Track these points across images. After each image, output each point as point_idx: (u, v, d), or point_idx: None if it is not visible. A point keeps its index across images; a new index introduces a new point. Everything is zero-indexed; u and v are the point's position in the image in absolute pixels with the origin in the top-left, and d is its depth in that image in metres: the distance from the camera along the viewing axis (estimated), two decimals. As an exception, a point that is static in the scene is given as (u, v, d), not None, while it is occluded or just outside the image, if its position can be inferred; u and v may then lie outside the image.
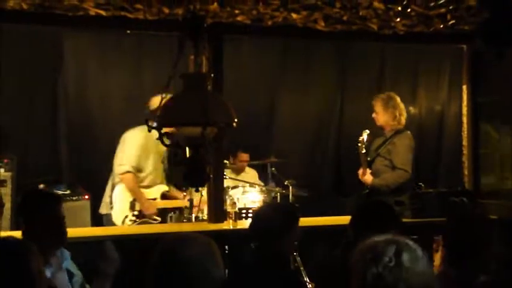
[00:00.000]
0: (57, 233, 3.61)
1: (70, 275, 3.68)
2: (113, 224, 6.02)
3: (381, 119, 6.27)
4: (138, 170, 6.06)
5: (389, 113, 6.23)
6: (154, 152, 6.10)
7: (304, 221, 5.53)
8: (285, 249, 3.82)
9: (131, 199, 6.05)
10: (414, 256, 2.12)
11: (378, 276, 2.06)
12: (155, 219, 6.14)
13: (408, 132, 6.29)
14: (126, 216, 6.00)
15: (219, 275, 2.50)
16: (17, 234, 3.59)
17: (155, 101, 6.00)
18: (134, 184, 6.04)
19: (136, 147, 6.00)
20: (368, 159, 6.26)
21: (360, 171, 6.20)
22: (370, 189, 6.19)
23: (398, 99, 6.31)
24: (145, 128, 5.99)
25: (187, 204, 6.19)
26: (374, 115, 6.33)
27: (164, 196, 6.30)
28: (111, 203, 6.07)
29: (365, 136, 6.17)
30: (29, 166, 6.65)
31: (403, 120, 6.27)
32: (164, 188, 6.27)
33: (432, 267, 2.16)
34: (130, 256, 4.81)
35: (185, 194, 6.27)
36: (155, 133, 5.95)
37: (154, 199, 6.18)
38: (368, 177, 6.17)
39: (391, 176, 6.11)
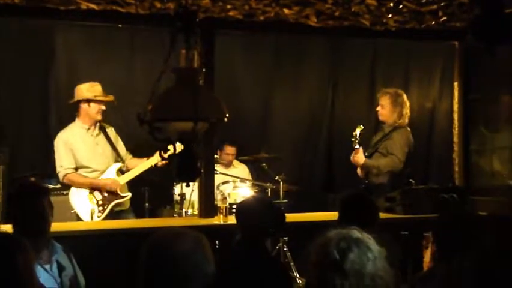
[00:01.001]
0: (38, 226, 3.61)
1: (61, 267, 3.67)
2: None
3: (387, 114, 6.32)
4: (79, 167, 6.02)
5: (397, 111, 6.29)
6: (86, 143, 6.05)
7: (295, 217, 5.56)
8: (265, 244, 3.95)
9: (86, 194, 6.04)
10: (375, 255, 2.14)
11: (342, 276, 2.08)
12: (122, 197, 6.10)
13: (408, 128, 6.34)
14: (93, 212, 5.96)
15: (210, 269, 2.50)
16: (9, 228, 3.60)
17: (81, 91, 6.01)
18: (79, 179, 6.00)
19: (62, 149, 5.97)
20: (366, 154, 6.30)
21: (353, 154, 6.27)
22: (366, 186, 6.22)
23: (405, 96, 6.37)
24: (68, 127, 6.06)
25: (154, 163, 6.06)
26: (378, 108, 6.39)
27: (122, 172, 6.22)
28: (71, 208, 6.03)
29: (358, 132, 6.20)
30: (21, 160, 6.63)
31: (407, 119, 6.33)
32: (117, 165, 6.16)
33: (387, 267, 2.18)
34: (119, 250, 4.81)
35: (147, 158, 6.13)
36: (77, 125, 5.98)
37: None
38: (359, 156, 6.19)
39: (384, 161, 6.17)
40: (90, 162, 6.05)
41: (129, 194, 6.17)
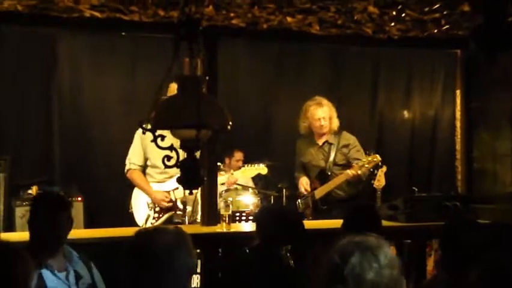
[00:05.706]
0: (59, 237, 3.63)
1: (78, 276, 3.68)
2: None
3: (334, 124, 6.40)
4: (150, 166, 5.99)
5: (335, 116, 6.46)
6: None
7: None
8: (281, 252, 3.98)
9: (148, 199, 6.00)
10: (381, 263, 2.14)
11: (342, 280, 2.09)
12: (180, 210, 6.05)
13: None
14: (148, 216, 5.95)
15: (192, 263, 2.57)
16: (11, 236, 3.59)
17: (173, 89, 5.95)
18: (138, 179, 5.94)
19: (136, 144, 5.91)
20: (329, 173, 6.34)
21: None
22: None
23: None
24: None
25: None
26: (323, 122, 6.39)
27: None
28: (129, 206, 6.02)
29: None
30: (23, 167, 6.64)
31: None
32: None
33: (399, 273, 2.18)
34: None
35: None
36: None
37: (176, 189, 6.02)
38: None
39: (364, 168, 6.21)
40: (158, 160, 6.00)
41: (188, 208, 6.14)
